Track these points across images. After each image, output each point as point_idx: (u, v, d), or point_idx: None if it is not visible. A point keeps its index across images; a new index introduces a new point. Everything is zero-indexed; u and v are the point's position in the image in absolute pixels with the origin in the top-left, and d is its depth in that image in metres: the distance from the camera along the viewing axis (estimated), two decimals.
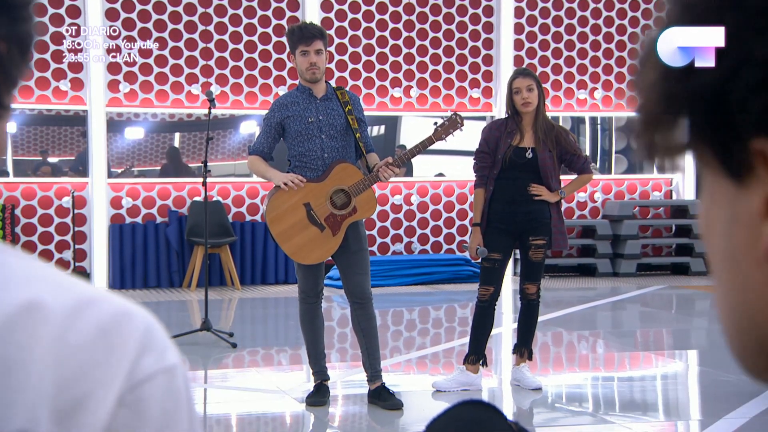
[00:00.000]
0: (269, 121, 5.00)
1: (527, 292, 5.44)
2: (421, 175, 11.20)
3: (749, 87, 0.45)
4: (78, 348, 0.67)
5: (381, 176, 4.86)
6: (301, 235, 4.96)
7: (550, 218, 5.33)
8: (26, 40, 0.72)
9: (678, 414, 5.40)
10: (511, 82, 5.28)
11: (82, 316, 0.69)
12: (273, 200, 5.01)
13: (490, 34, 11.27)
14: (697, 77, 0.46)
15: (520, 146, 5.28)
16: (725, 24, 0.45)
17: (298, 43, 4.90)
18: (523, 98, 5.21)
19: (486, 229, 5.31)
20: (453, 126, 5.12)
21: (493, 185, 5.29)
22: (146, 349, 0.70)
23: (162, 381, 0.70)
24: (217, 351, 6.64)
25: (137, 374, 0.69)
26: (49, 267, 0.73)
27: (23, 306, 0.66)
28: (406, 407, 5.08)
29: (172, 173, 10.51)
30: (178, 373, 0.73)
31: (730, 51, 0.45)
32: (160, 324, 0.74)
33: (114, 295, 0.73)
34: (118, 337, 0.69)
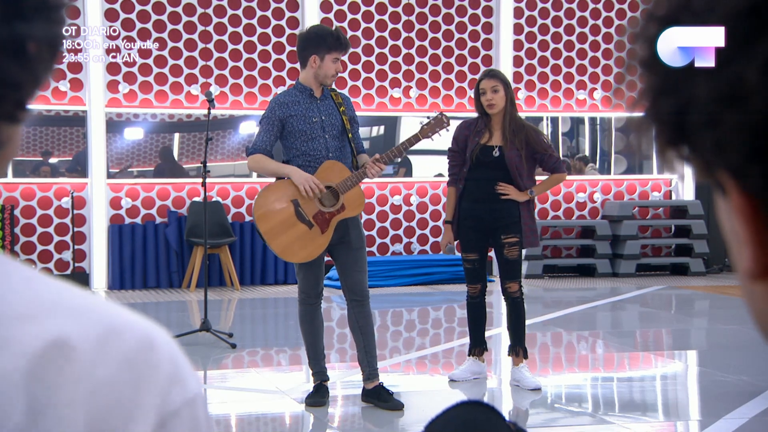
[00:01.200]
0: (270, 119, 4.98)
1: (509, 291, 5.48)
2: (420, 175, 11.20)
3: (698, 126, 0.45)
4: (107, 383, 0.66)
5: (368, 173, 4.86)
6: (288, 232, 4.94)
7: (519, 216, 5.38)
8: (56, 42, 0.71)
9: (677, 414, 5.40)
10: (478, 83, 5.36)
11: (108, 348, 0.67)
12: (261, 197, 5.02)
13: (489, 35, 11.27)
14: (660, 106, 0.47)
15: (487, 145, 5.36)
16: (663, 69, 0.46)
17: (335, 49, 4.92)
18: (487, 99, 5.29)
19: (458, 228, 5.46)
20: (439, 125, 5.13)
21: (463, 183, 5.38)
22: (174, 381, 0.69)
23: (186, 414, 0.69)
24: (216, 351, 6.64)
25: (166, 409, 0.68)
26: (71, 289, 0.70)
27: (50, 343, 0.65)
28: (405, 408, 5.08)
29: (167, 173, 10.50)
30: (199, 402, 0.71)
31: (678, 91, 0.46)
32: (180, 349, 0.73)
33: (135, 316, 0.71)
34: (146, 369, 0.68)
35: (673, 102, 0.47)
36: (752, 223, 0.46)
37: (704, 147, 0.46)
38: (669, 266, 11.66)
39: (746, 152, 0.44)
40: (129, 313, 0.72)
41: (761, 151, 0.43)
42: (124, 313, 0.71)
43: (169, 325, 7.89)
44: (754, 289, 0.49)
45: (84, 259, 10.13)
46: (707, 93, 0.45)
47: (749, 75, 0.42)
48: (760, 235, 0.46)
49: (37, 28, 0.69)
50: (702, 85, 0.45)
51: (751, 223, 0.46)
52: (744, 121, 0.43)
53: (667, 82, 0.47)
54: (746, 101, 0.43)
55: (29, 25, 0.68)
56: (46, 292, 0.68)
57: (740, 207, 0.47)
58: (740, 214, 0.47)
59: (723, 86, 0.44)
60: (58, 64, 0.71)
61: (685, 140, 0.47)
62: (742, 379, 5.64)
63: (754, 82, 0.42)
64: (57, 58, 0.72)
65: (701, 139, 0.46)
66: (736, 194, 0.47)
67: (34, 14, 0.69)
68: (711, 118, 0.45)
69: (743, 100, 0.43)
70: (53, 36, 0.71)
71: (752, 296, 0.49)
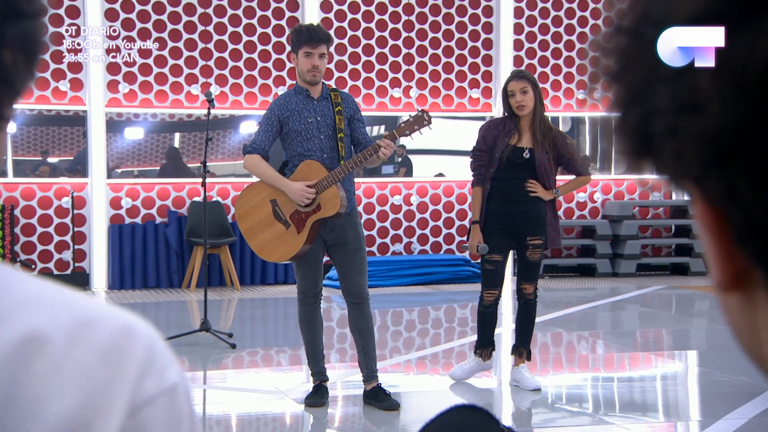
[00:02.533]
0: (269, 119, 4.98)
1: (525, 292, 5.45)
2: (420, 175, 11.20)
3: (660, 136, 0.46)
4: (79, 375, 0.65)
5: (380, 153, 4.73)
6: (266, 231, 4.96)
7: (546, 217, 5.35)
8: (33, 50, 0.70)
9: (677, 414, 5.40)
10: (506, 84, 5.29)
11: (81, 339, 0.66)
12: (241, 196, 5.09)
13: (489, 35, 11.27)
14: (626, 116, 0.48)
15: (518, 146, 5.29)
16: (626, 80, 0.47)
17: (304, 43, 4.89)
18: (517, 101, 5.22)
19: (484, 229, 5.32)
20: (419, 123, 4.98)
21: (490, 184, 5.30)
22: (147, 370, 0.68)
23: (163, 403, 0.68)
24: (216, 351, 6.63)
25: (138, 398, 0.67)
26: (47, 285, 0.69)
27: (20, 340, 0.64)
28: (404, 408, 5.08)
29: (172, 173, 10.50)
30: (180, 392, 0.70)
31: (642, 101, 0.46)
32: (161, 338, 0.72)
33: (114, 309, 0.70)
34: (119, 359, 0.67)
35: (638, 112, 0.47)
36: (717, 233, 0.46)
37: (667, 156, 0.46)
38: (669, 266, 11.65)
39: (705, 160, 0.44)
40: (105, 305, 0.71)
41: (719, 159, 0.44)
42: (99, 306, 0.70)
43: (169, 325, 7.89)
44: (726, 300, 0.49)
45: (84, 259, 10.13)
46: (667, 102, 0.45)
47: (702, 83, 0.43)
48: (726, 245, 0.46)
49: (9, 36, 0.67)
50: (663, 95, 0.45)
51: (716, 233, 0.46)
52: (701, 129, 0.43)
53: (632, 93, 0.47)
54: (702, 109, 0.43)
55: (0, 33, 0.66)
56: (19, 288, 0.67)
57: (704, 216, 0.47)
58: (705, 224, 0.47)
59: (681, 95, 0.44)
60: (39, 72, 0.70)
61: (650, 150, 0.47)
62: (742, 380, 5.64)
63: (707, 89, 0.43)
64: (35, 66, 0.71)
65: (664, 148, 0.46)
66: (700, 203, 0.47)
67: (4, 21, 0.67)
68: (671, 127, 0.45)
69: (699, 108, 0.43)
70: (29, 43, 0.69)
71: (725, 307, 0.49)
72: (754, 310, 0.47)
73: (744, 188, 0.43)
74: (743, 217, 0.44)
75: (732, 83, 0.42)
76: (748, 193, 0.43)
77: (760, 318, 0.46)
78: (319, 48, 4.89)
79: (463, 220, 11.16)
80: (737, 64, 0.42)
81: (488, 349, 5.54)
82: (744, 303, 0.47)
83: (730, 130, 0.42)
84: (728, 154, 0.43)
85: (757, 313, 0.47)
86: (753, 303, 0.47)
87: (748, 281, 0.46)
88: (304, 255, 4.96)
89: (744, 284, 0.46)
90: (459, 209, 11.23)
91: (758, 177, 0.43)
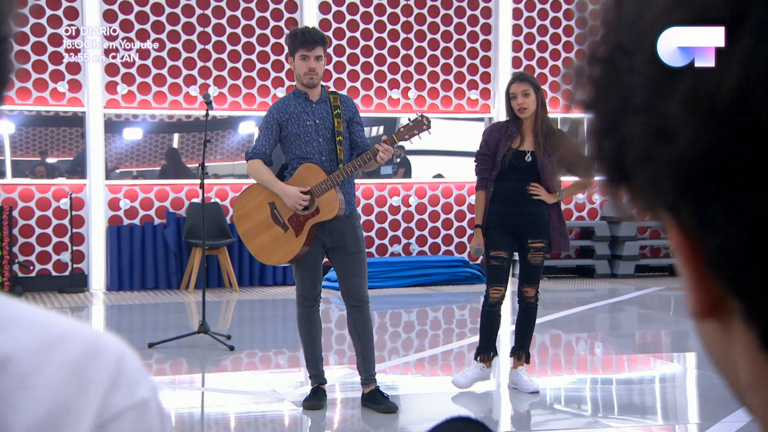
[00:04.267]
0: (269, 122, 4.99)
1: (526, 295, 5.44)
2: (419, 176, 11.19)
3: (634, 165, 0.47)
4: (45, 390, 0.65)
5: (378, 158, 4.76)
6: (264, 234, 4.97)
7: (549, 221, 5.33)
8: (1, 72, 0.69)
9: (676, 417, 5.39)
10: (508, 87, 5.28)
11: (50, 357, 0.66)
12: (240, 199, 5.12)
13: (488, 36, 11.27)
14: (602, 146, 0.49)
15: (519, 149, 5.28)
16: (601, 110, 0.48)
17: (300, 47, 4.89)
18: (518, 104, 5.20)
19: (487, 230, 5.32)
20: (418, 128, 4.99)
21: (493, 187, 5.30)
22: (116, 385, 0.68)
23: (132, 417, 0.68)
24: (214, 354, 6.62)
25: (105, 413, 0.67)
26: (13, 304, 0.69)
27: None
28: (403, 410, 5.07)
29: (172, 174, 10.50)
30: (151, 406, 0.70)
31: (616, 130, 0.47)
32: (134, 355, 0.71)
33: (85, 327, 0.70)
34: (88, 375, 0.67)
35: (613, 141, 0.48)
36: (692, 261, 0.47)
37: (641, 185, 0.47)
38: (668, 267, 11.65)
39: (678, 188, 0.45)
40: (75, 322, 0.71)
41: (692, 187, 0.44)
42: (71, 324, 0.70)
43: (168, 326, 7.88)
44: (702, 328, 0.49)
45: (83, 261, 10.12)
46: (640, 131, 0.46)
47: (672, 110, 0.44)
48: (700, 273, 0.46)
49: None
50: (636, 123, 0.46)
51: (691, 261, 0.47)
52: (673, 157, 0.44)
53: (606, 122, 0.48)
54: (673, 138, 0.44)
55: None
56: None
57: (679, 245, 0.47)
58: (680, 252, 0.47)
59: (652, 123, 0.45)
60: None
61: (626, 179, 0.48)
62: None
63: (677, 117, 0.43)
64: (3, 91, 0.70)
65: (638, 177, 0.47)
66: (674, 231, 0.47)
67: None
68: (644, 155, 0.46)
69: (671, 136, 0.44)
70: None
71: (702, 335, 0.49)
72: (729, 338, 0.47)
73: (716, 215, 0.44)
74: (716, 244, 0.44)
75: (701, 112, 0.43)
76: (721, 219, 0.44)
77: (735, 346, 0.47)
78: (314, 50, 4.89)
79: (461, 222, 11.15)
80: (705, 93, 0.42)
81: (489, 354, 5.46)
82: (720, 331, 0.47)
83: (701, 157, 0.43)
84: (700, 181, 0.44)
85: (733, 341, 0.47)
86: (729, 331, 0.47)
87: (723, 309, 0.46)
88: (302, 258, 4.95)
89: (719, 312, 0.47)
90: (457, 210, 11.22)
91: (730, 203, 0.43)
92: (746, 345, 0.45)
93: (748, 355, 0.45)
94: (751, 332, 0.45)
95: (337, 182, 4.83)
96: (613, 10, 0.49)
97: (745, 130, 0.42)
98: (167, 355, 6.58)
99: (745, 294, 0.44)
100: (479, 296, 9.40)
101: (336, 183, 4.83)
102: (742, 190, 0.42)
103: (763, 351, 0.44)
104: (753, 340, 0.45)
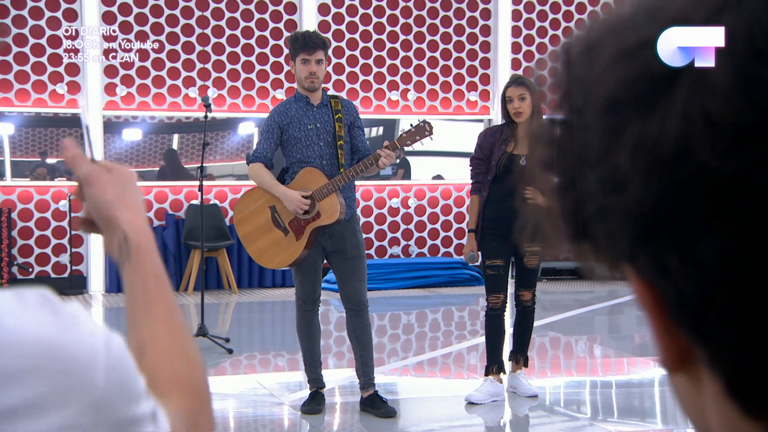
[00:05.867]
0: (270, 126, 4.99)
1: (522, 299, 5.43)
2: (418, 178, 11.19)
3: (592, 219, 0.48)
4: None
5: (380, 163, 4.77)
6: (265, 237, 4.98)
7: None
8: None
9: (676, 420, 5.39)
10: (505, 90, 5.27)
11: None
12: (240, 202, 5.12)
13: (487, 38, 11.26)
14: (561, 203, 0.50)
15: (514, 153, 5.27)
16: (559, 168, 0.50)
17: (300, 50, 4.89)
18: (515, 107, 5.20)
19: (482, 236, 5.30)
20: (420, 133, 5.00)
21: (488, 191, 5.28)
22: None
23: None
24: (213, 357, 6.62)
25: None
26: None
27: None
28: (401, 414, 5.07)
29: (170, 176, 10.49)
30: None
31: (571, 188, 0.49)
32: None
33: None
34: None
35: (571, 198, 0.49)
36: (656, 313, 0.47)
37: (601, 238, 0.48)
38: None
39: (634, 238, 0.46)
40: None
41: (646, 237, 0.45)
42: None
43: None
44: (674, 381, 0.49)
45: (81, 262, 10.12)
46: (595, 185, 0.47)
47: (621, 161, 0.45)
48: (665, 324, 0.47)
49: None
50: (590, 178, 0.47)
51: (655, 313, 0.47)
52: (626, 207, 0.45)
53: (565, 180, 0.49)
54: (624, 188, 0.45)
55: None
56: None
57: (642, 296, 0.48)
58: (644, 304, 0.48)
59: (605, 176, 0.46)
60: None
61: (586, 234, 0.49)
62: None
63: (627, 168, 0.44)
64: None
65: (597, 230, 0.48)
66: (636, 283, 0.48)
67: None
68: (600, 208, 0.47)
69: (622, 187, 0.45)
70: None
71: (674, 387, 0.50)
72: (699, 389, 0.47)
73: (672, 263, 0.44)
74: (675, 293, 0.45)
75: (647, 162, 0.44)
76: (676, 268, 0.44)
77: (705, 396, 0.47)
78: (315, 54, 4.88)
79: (460, 223, 11.15)
80: (650, 143, 0.44)
81: (497, 366, 5.36)
82: (690, 383, 0.48)
83: (652, 206, 0.44)
84: (653, 230, 0.44)
85: (702, 392, 0.47)
86: (698, 382, 0.47)
87: (690, 360, 0.47)
88: (302, 262, 4.95)
89: (688, 363, 0.47)
90: (457, 212, 11.22)
91: (683, 251, 0.44)
92: (714, 394, 0.45)
93: (716, 404, 0.46)
94: (716, 380, 0.45)
95: (338, 187, 4.83)
96: (564, 72, 0.50)
97: (688, 179, 0.42)
98: None
99: (706, 341, 0.44)
100: (478, 298, 9.39)
101: (337, 188, 4.84)
102: (693, 237, 0.43)
103: (729, 398, 0.44)
104: (719, 388, 0.45)
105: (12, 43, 9.77)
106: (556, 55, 0.51)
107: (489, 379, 5.37)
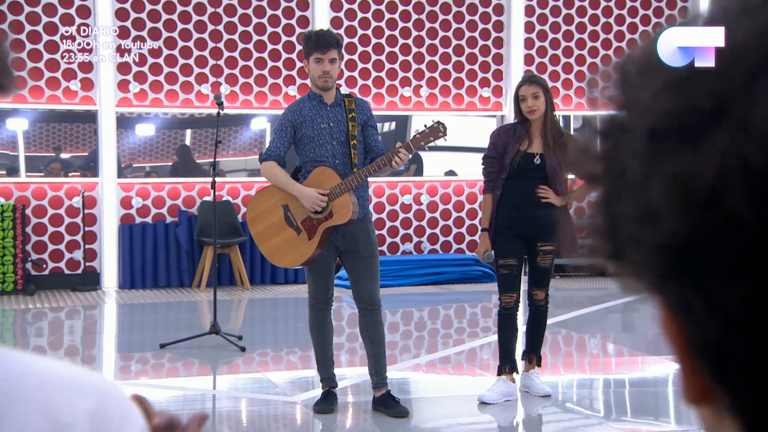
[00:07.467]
0: (283, 124, 4.99)
1: (536, 298, 5.41)
2: (431, 174, 11.17)
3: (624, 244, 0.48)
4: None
5: (393, 163, 4.76)
6: (277, 236, 4.98)
7: (558, 223, 5.29)
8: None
9: (690, 420, 5.36)
10: (518, 89, 5.25)
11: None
12: (254, 200, 5.13)
13: (500, 33, 11.23)
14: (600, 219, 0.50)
15: (528, 152, 5.24)
16: (605, 183, 0.49)
17: (314, 50, 4.88)
18: (528, 106, 5.17)
19: (495, 234, 5.28)
20: (434, 134, 4.98)
21: (501, 190, 5.26)
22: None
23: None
24: (225, 355, 6.63)
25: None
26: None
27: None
28: (414, 412, 5.07)
29: (183, 171, 10.51)
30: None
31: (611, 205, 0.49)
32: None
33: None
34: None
35: (609, 215, 0.49)
36: (680, 345, 0.47)
37: (631, 263, 0.48)
38: None
39: (661, 271, 0.45)
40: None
41: (674, 272, 0.44)
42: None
43: (179, 326, 7.90)
44: (699, 410, 0.49)
45: (95, 259, 10.15)
46: (632, 210, 0.47)
47: (657, 196, 0.45)
48: (689, 357, 0.46)
49: None
50: (629, 202, 0.47)
51: (680, 345, 0.47)
52: (656, 239, 0.45)
53: (607, 196, 0.49)
54: (657, 221, 0.45)
55: None
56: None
57: (667, 327, 0.47)
58: (669, 333, 0.48)
59: (641, 204, 0.46)
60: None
61: (618, 254, 0.49)
62: None
63: (661, 202, 0.44)
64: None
65: (628, 253, 0.48)
66: (663, 313, 0.48)
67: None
68: (633, 234, 0.47)
69: (655, 219, 0.45)
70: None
71: (700, 416, 0.49)
72: (722, 422, 0.47)
73: (696, 305, 0.44)
74: (698, 333, 0.44)
75: (681, 199, 0.43)
76: (700, 310, 0.44)
77: (729, 429, 0.46)
78: (329, 53, 4.87)
79: (473, 220, 11.13)
80: (686, 180, 0.43)
81: (509, 366, 5.33)
82: (713, 415, 0.47)
83: (682, 244, 0.44)
84: (681, 268, 0.44)
85: (725, 425, 0.46)
86: (720, 415, 0.47)
87: (712, 396, 0.46)
88: (314, 261, 4.95)
89: (710, 399, 0.47)
90: (469, 208, 11.20)
91: (708, 295, 0.43)
92: (736, 430, 0.45)
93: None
94: (736, 423, 0.45)
95: (351, 186, 4.83)
96: (619, 89, 0.50)
97: (719, 223, 0.42)
98: (179, 355, 6.60)
99: (727, 385, 0.44)
100: (490, 295, 9.37)
101: (350, 187, 4.83)
102: (718, 283, 0.42)
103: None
104: (740, 428, 0.45)
105: (26, 40, 9.79)
106: (617, 66, 0.51)
107: (502, 378, 5.35)
